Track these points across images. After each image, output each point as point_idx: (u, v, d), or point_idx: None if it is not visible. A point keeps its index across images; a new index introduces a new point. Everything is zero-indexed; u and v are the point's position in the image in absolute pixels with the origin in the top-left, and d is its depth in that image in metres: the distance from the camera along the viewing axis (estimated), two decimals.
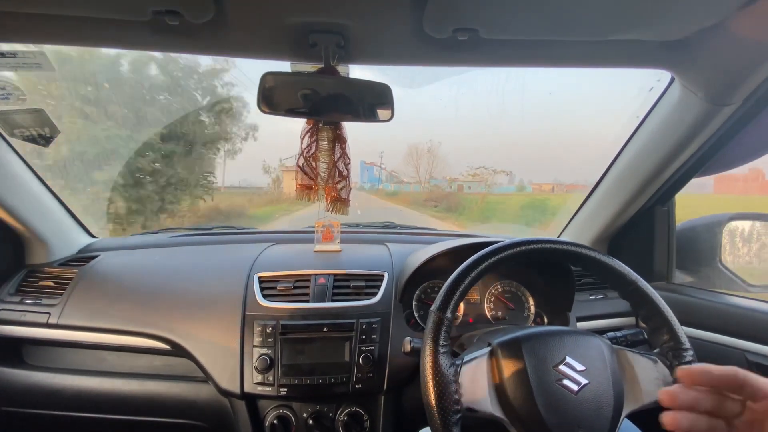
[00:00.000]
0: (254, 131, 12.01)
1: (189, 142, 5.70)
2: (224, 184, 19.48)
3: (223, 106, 6.85)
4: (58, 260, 1.18)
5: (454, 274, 0.70)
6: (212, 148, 6.83)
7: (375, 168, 45.17)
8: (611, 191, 1.23)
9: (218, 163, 12.46)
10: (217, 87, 6.78)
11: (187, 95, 6.47)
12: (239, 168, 22.33)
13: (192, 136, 5.88)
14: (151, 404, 1.04)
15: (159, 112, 5.72)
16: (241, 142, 11.98)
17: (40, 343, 1.09)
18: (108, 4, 0.70)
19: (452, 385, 0.61)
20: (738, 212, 1.19)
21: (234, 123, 7.41)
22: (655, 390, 0.68)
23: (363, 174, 47.53)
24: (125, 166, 4.31)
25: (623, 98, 1.21)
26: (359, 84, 0.87)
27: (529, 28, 0.76)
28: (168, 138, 5.18)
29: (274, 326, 0.96)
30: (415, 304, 1.09)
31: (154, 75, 5.62)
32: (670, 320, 0.70)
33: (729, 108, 0.89)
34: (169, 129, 5.41)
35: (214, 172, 6.99)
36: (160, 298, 1.06)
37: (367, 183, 43.18)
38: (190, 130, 5.94)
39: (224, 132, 7.13)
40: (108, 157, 4.08)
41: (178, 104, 6.34)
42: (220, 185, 18.73)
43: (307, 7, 0.71)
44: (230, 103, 7.02)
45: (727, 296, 1.09)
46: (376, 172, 45.47)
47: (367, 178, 45.49)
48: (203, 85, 6.67)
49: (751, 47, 0.76)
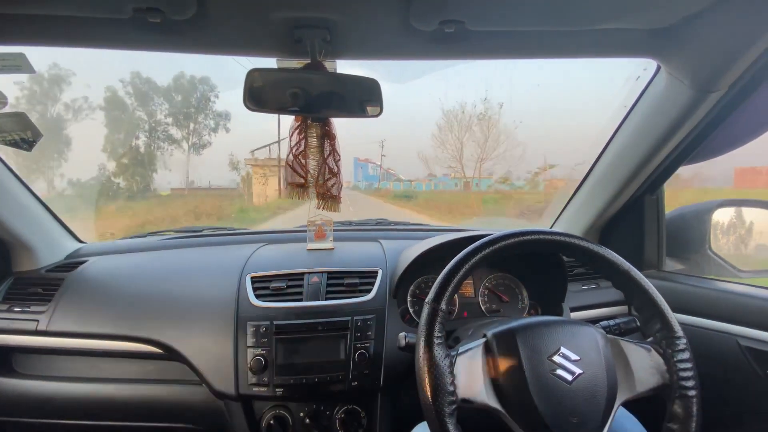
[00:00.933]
0: (225, 121, 10.91)
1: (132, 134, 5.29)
2: (189, 184, 18.03)
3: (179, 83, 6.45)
4: (46, 266, 1.16)
5: (447, 266, 0.70)
6: (167, 141, 6.47)
7: (370, 165, 43.13)
8: (601, 181, 1.24)
9: (178, 161, 11.40)
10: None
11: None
12: (210, 165, 19.89)
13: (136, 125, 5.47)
14: (145, 409, 1.03)
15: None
16: (210, 134, 10.96)
17: (29, 351, 1.07)
18: (87, 3, 0.69)
19: (447, 376, 0.62)
20: (726, 199, 1.21)
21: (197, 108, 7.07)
22: (649, 378, 0.68)
23: (357, 172, 44.90)
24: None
25: (611, 88, 1.22)
26: (347, 79, 0.86)
27: (515, 19, 0.76)
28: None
29: (268, 326, 0.95)
30: (410, 299, 1.09)
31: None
32: (663, 309, 0.71)
33: (715, 95, 0.90)
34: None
35: (157, 170, 6.61)
36: (151, 301, 1.04)
37: (363, 181, 40.42)
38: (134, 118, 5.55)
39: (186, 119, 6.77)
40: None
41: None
42: (184, 186, 17.42)
43: (292, 2, 0.71)
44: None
45: (717, 282, 1.11)
46: (371, 169, 43.40)
47: (362, 176, 43.16)
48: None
49: (735, 33, 0.77)
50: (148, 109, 16.40)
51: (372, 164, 42.22)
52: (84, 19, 0.75)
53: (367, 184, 35.86)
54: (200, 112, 17.21)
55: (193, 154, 16.89)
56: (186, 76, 16.45)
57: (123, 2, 0.67)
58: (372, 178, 39.16)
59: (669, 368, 0.69)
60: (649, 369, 0.69)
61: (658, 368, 0.69)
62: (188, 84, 16.82)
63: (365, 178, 40.30)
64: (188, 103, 17.06)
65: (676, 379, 0.68)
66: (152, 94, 16.30)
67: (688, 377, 0.67)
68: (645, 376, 0.68)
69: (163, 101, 16.57)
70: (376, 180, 36.64)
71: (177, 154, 16.25)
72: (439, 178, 25.69)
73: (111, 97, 15.40)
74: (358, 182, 40.69)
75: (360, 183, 39.57)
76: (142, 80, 15.81)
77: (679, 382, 0.67)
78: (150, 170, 15.27)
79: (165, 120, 16.55)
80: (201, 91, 17.17)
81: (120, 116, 15.71)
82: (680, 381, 0.67)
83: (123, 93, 15.73)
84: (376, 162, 40.84)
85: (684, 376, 0.67)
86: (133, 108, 16.07)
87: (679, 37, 0.82)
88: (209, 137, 17.12)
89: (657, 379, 0.69)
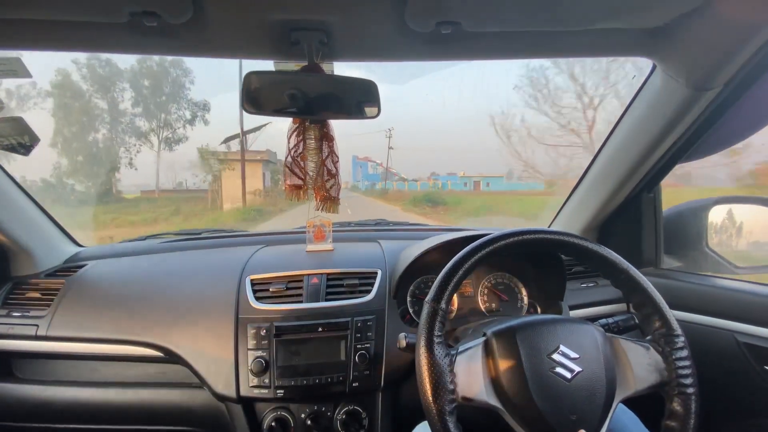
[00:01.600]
0: (204, 111, 9.26)
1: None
2: (159, 186, 15.17)
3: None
4: (45, 271, 1.16)
5: (447, 266, 0.70)
6: (133, 134, 5.48)
7: (369, 164, 41.33)
8: (599, 180, 1.25)
9: (147, 158, 9.53)
10: None
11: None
12: (185, 164, 16.81)
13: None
14: (146, 413, 1.03)
15: None
16: (185, 127, 9.20)
17: (29, 356, 1.06)
18: (83, 7, 0.69)
19: (447, 375, 0.62)
20: (722, 196, 1.21)
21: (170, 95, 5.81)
22: (647, 376, 0.69)
23: (355, 171, 43.01)
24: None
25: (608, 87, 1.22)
26: (345, 81, 0.86)
27: (511, 20, 0.77)
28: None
29: (268, 328, 0.95)
30: (410, 299, 1.09)
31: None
32: (662, 307, 0.72)
33: (710, 93, 0.90)
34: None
35: (119, 169, 5.47)
36: (151, 305, 1.04)
37: (363, 181, 37.92)
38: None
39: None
40: None
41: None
42: (154, 189, 14.87)
43: (289, 5, 0.71)
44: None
45: (715, 279, 1.11)
46: (370, 168, 41.56)
47: (362, 175, 41.40)
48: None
49: (729, 32, 0.77)
50: (110, 97, 14.00)
51: (372, 162, 39.96)
52: (80, 24, 0.75)
53: (369, 184, 33.44)
54: (173, 100, 14.85)
55: (165, 150, 14.63)
56: (154, 58, 14.19)
57: (119, 7, 0.67)
58: (372, 177, 36.58)
59: (667, 366, 0.69)
60: (647, 367, 0.69)
61: (656, 366, 0.69)
62: (158, 67, 14.79)
63: (365, 177, 37.97)
64: (158, 89, 14.67)
65: (674, 377, 0.68)
66: (114, 78, 14.15)
67: (686, 375, 0.68)
68: (644, 373, 0.69)
69: (128, 87, 14.20)
70: (376, 179, 33.87)
71: (146, 151, 14.04)
72: (446, 177, 23.83)
73: (63, 81, 13.28)
74: (357, 182, 38.23)
75: (359, 183, 37.10)
76: (102, 62, 13.55)
77: (678, 380, 0.68)
78: (113, 169, 13.14)
79: (131, 110, 14.11)
80: (173, 76, 15.15)
81: (74, 105, 13.50)
82: (679, 379, 0.68)
83: (78, 77, 13.51)
84: (375, 160, 38.47)
85: (682, 374, 0.68)
86: (90, 95, 13.90)
87: (673, 37, 0.82)
88: (184, 130, 14.82)
89: (655, 377, 0.69)
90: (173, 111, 14.60)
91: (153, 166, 14.88)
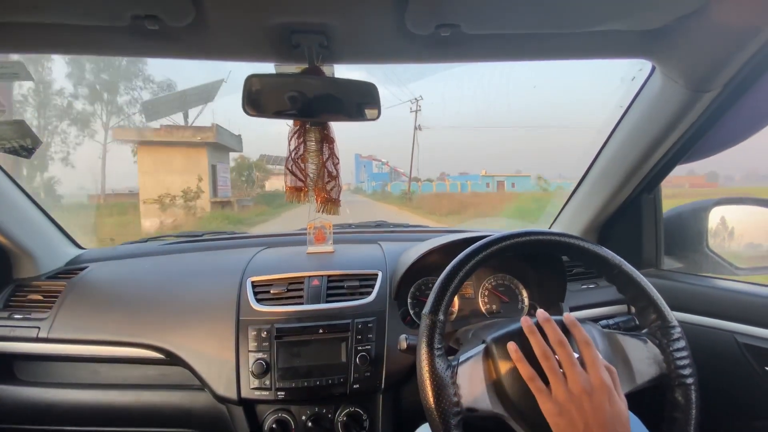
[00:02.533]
0: (168, 93, 6.58)
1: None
2: (104, 189, 11.45)
3: None
4: (46, 273, 1.16)
5: (442, 275, 0.70)
6: (70, 121, 3.93)
7: (374, 162, 39.06)
8: (598, 181, 1.25)
9: (88, 153, 6.36)
10: None
11: None
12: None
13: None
14: (148, 415, 1.03)
15: None
16: (134, 117, 6.56)
17: (31, 358, 1.07)
18: (86, 11, 0.69)
19: (450, 387, 0.62)
20: (723, 197, 1.21)
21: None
22: (647, 369, 0.69)
23: (359, 171, 40.49)
24: None
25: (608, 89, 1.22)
26: (345, 84, 0.87)
27: (511, 23, 0.77)
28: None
29: (269, 330, 0.95)
30: (410, 301, 1.09)
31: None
32: (655, 299, 0.72)
33: (709, 94, 0.91)
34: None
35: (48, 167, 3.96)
36: (152, 307, 1.05)
37: (369, 182, 33.24)
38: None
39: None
40: None
41: None
42: (98, 193, 10.84)
43: (289, 8, 0.71)
44: None
45: (715, 280, 1.11)
46: (375, 167, 38.63)
47: (367, 175, 37.69)
48: None
49: (728, 34, 0.77)
50: (35, 72, 10.30)
51: (377, 161, 37.39)
52: (82, 28, 0.75)
53: (380, 183, 29.74)
54: (125, 78, 11.06)
55: (112, 142, 10.78)
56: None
57: (121, 10, 0.68)
58: (378, 177, 33.87)
59: (666, 358, 0.70)
60: (646, 360, 0.70)
61: (655, 359, 0.70)
62: None
63: (372, 177, 35.29)
64: (105, 63, 10.83)
65: (673, 368, 0.68)
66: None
67: (685, 365, 0.68)
68: (643, 367, 0.69)
69: (62, 59, 11.11)
70: (384, 179, 30.34)
71: (89, 145, 10.25)
72: (459, 177, 19.47)
73: None
74: (361, 183, 35.18)
75: (363, 184, 34.14)
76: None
77: (677, 371, 0.68)
78: (39, 168, 9.79)
79: (67, 89, 10.22)
80: None
81: None
82: (678, 370, 0.68)
83: None
84: (380, 159, 35.68)
85: (681, 365, 0.68)
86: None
87: (672, 39, 0.82)
88: (142, 117, 11.06)
89: (655, 370, 0.69)
90: (123, 92, 10.70)
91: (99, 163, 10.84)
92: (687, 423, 0.66)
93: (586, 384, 0.58)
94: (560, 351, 0.61)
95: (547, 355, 0.61)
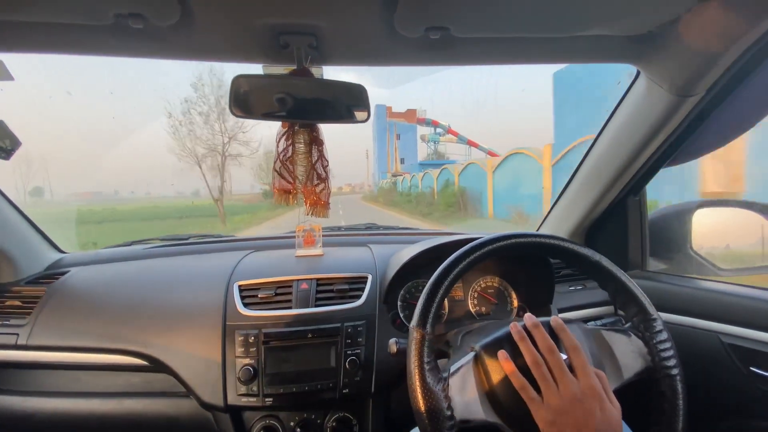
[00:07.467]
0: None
1: None
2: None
3: None
4: (25, 278, 1.12)
5: (427, 286, 0.70)
6: None
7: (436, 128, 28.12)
8: (585, 184, 1.26)
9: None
10: None
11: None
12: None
13: None
14: (131, 423, 1.00)
15: None
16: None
17: (9, 366, 1.03)
18: (67, 9, 0.68)
19: (443, 401, 0.61)
20: (706, 199, 1.24)
21: None
22: (633, 363, 0.70)
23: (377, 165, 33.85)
24: None
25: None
26: (334, 85, 0.86)
27: (500, 26, 0.78)
28: None
29: (257, 335, 0.94)
30: (400, 304, 1.09)
31: None
32: (635, 293, 0.74)
33: (693, 99, 0.93)
34: None
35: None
36: (136, 312, 1.02)
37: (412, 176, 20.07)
38: None
39: None
40: None
41: None
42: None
43: (277, 9, 0.70)
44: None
45: (699, 281, 1.13)
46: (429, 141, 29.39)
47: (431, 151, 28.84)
48: None
49: (711, 39, 0.79)
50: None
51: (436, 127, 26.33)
52: (64, 26, 0.73)
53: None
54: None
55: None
56: None
57: (104, 8, 0.66)
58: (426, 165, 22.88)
59: (650, 350, 0.71)
60: (631, 354, 0.71)
61: (640, 351, 0.71)
62: None
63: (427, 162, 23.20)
64: None
65: (658, 360, 0.70)
66: None
67: (668, 357, 0.69)
68: (629, 361, 0.70)
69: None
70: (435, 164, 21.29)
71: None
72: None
73: None
74: (396, 178, 22.18)
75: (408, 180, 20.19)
76: None
77: (662, 363, 0.69)
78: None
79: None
80: None
81: None
82: (662, 361, 0.69)
83: None
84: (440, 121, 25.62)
85: (665, 356, 0.70)
86: None
87: (657, 44, 0.84)
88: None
89: (641, 363, 0.71)
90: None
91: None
92: (675, 414, 0.67)
93: (577, 391, 0.58)
94: (550, 358, 0.61)
95: (537, 363, 0.61)
